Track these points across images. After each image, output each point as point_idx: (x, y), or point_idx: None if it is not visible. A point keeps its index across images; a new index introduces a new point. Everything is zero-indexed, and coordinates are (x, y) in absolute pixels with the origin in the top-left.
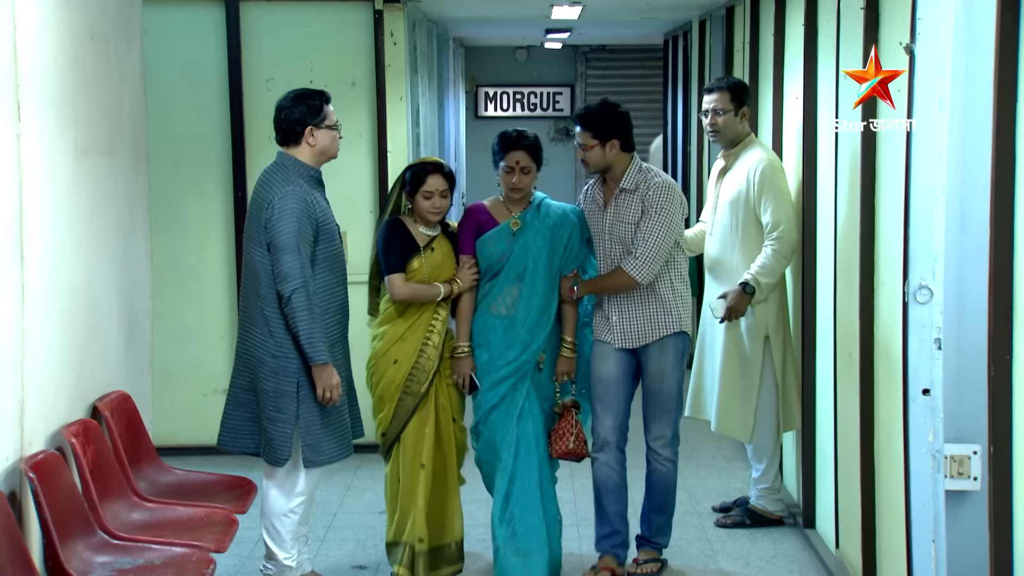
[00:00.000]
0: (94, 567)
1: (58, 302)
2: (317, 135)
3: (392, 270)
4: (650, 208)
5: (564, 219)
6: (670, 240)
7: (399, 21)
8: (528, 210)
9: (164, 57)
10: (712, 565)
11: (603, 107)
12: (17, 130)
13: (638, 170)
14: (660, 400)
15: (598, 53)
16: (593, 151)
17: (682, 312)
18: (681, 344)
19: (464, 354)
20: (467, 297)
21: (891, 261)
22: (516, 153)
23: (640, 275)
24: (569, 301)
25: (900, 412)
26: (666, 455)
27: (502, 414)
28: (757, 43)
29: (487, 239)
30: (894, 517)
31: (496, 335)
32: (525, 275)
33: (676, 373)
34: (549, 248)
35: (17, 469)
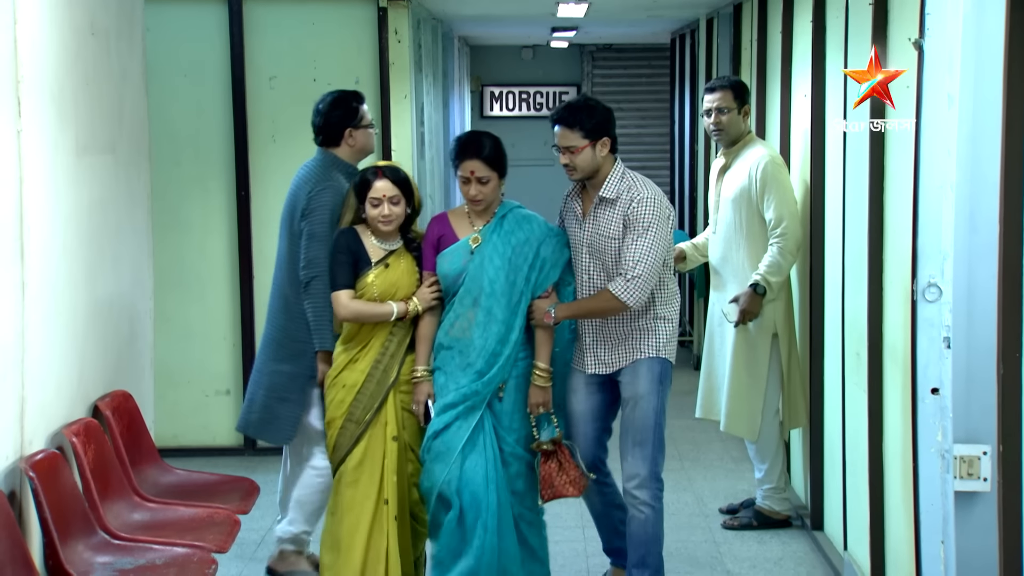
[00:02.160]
0: (95, 567)
1: (59, 300)
2: (356, 135)
3: (337, 286)
4: (637, 224)
5: (530, 234)
6: (661, 258)
7: (403, 18)
8: (490, 223)
9: (166, 55)
10: (719, 567)
11: (589, 102)
12: (17, 126)
13: (620, 177)
14: (632, 432)
15: (604, 52)
16: (583, 153)
17: (663, 337)
18: (659, 370)
19: (421, 379)
20: (428, 317)
21: (900, 259)
22: (470, 163)
23: (630, 298)
24: (544, 326)
25: (909, 412)
26: (642, 498)
27: (445, 444)
28: (765, 41)
29: (444, 256)
30: (903, 518)
31: (452, 360)
32: (480, 299)
33: (651, 402)
34: (509, 268)
35: (17, 468)
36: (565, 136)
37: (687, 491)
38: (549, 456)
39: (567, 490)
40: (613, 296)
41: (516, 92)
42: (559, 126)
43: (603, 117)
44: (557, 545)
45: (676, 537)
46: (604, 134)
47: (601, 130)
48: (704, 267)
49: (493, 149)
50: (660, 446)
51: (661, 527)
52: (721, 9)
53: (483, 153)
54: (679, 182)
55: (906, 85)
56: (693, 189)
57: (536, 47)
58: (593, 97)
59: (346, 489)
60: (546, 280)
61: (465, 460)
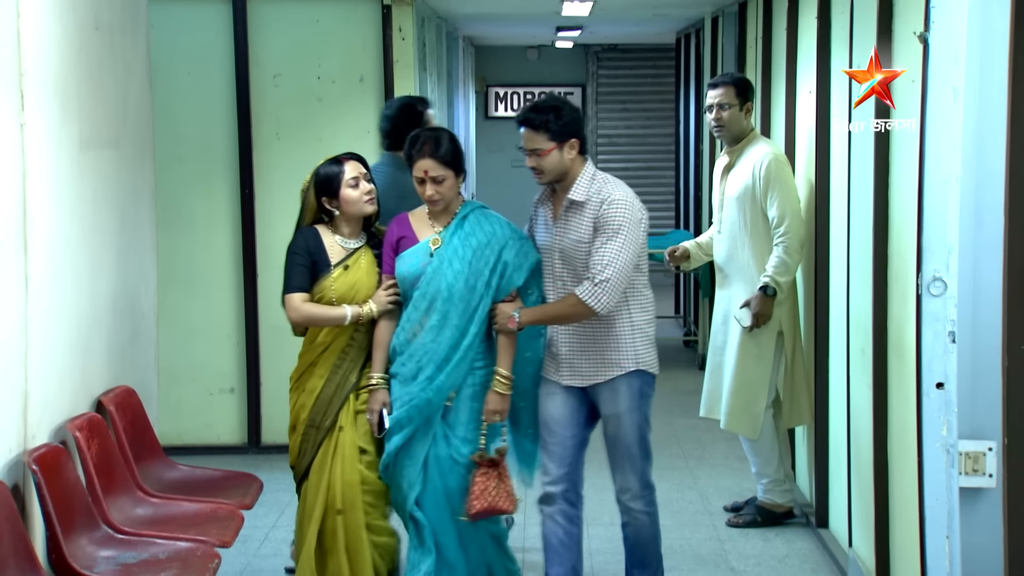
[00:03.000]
0: (98, 561)
1: (62, 294)
2: None
3: (290, 288)
4: (607, 226)
5: (492, 236)
6: (632, 263)
7: (407, 16)
8: (451, 224)
9: (170, 53)
10: (723, 564)
11: (556, 102)
12: (21, 119)
13: (591, 179)
14: (618, 448)
15: (609, 53)
16: (549, 156)
17: (640, 349)
18: (639, 383)
19: (376, 386)
20: (385, 322)
21: (905, 254)
22: (423, 162)
23: (598, 303)
24: (508, 332)
25: (914, 407)
26: (638, 508)
27: (410, 458)
28: (770, 38)
29: (403, 258)
30: (908, 514)
31: (405, 366)
32: (437, 303)
33: (635, 416)
34: (468, 272)
35: (20, 462)
36: (531, 138)
37: (692, 489)
38: (491, 467)
39: (505, 503)
40: (580, 300)
41: (521, 93)
42: (524, 128)
43: (570, 118)
44: None
45: (680, 535)
46: (572, 135)
47: (569, 131)
48: (709, 266)
49: (447, 146)
50: (647, 455)
51: (658, 527)
52: (726, 8)
53: (436, 152)
54: (684, 182)
55: (911, 79)
56: (699, 189)
57: (541, 47)
58: (560, 97)
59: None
60: (508, 285)
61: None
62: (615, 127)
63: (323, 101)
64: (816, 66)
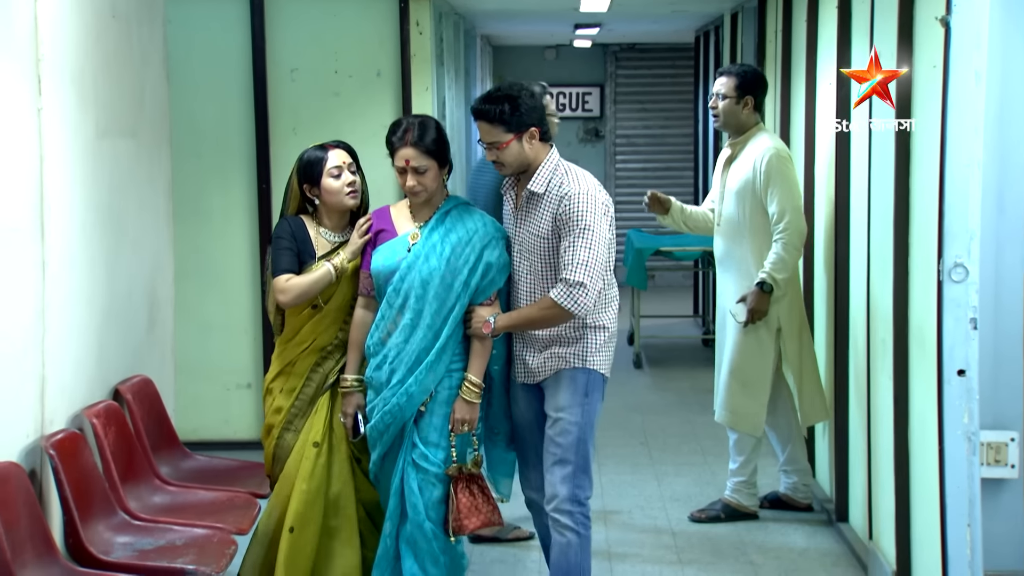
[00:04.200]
0: (115, 547)
1: (78, 281)
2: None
3: (280, 271)
4: (572, 224)
5: (473, 234)
6: (605, 261)
7: (425, 10)
8: (432, 219)
9: (187, 47)
10: (742, 558)
11: (511, 91)
12: (38, 104)
13: (552, 169)
14: (551, 449)
15: (628, 52)
16: (508, 148)
17: (591, 346)
18: (583, 381)
19: (350, 389)
20: (361, 321)
21: (926, 242)
22: (404, 151)
23: (575, 306)
24: (481, 336)
25: (935, 396)
26: (563, 522)
27: (392, 464)
28: (790, 31)
29: (379, 252)
30: (928, 504)
31: (378, 369)
32: (411, 301)
33: (572, 416)
34: (445, 270)
35: (38, 447)
36: (487, 131)
37: (710, 484)
38: (470, 480)
39: (494, 517)
40: (555, 304)
41: None
42: (479, 120)
43: (528, 106)
44: None
45: (699, 529)
46: (531, 124)
47: (527, 121)
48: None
49: (430, 135)
50: (584, 466)
51: (586, 557)
52: (746, 3)
53: (419, 140)
54: (703, 183)
55: (932, 65)
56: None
57: (559, 47)
58: (517, 83)
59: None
60: (489, 286)
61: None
62: (634, 127)
63: (340, 96)
64: (836, 56)
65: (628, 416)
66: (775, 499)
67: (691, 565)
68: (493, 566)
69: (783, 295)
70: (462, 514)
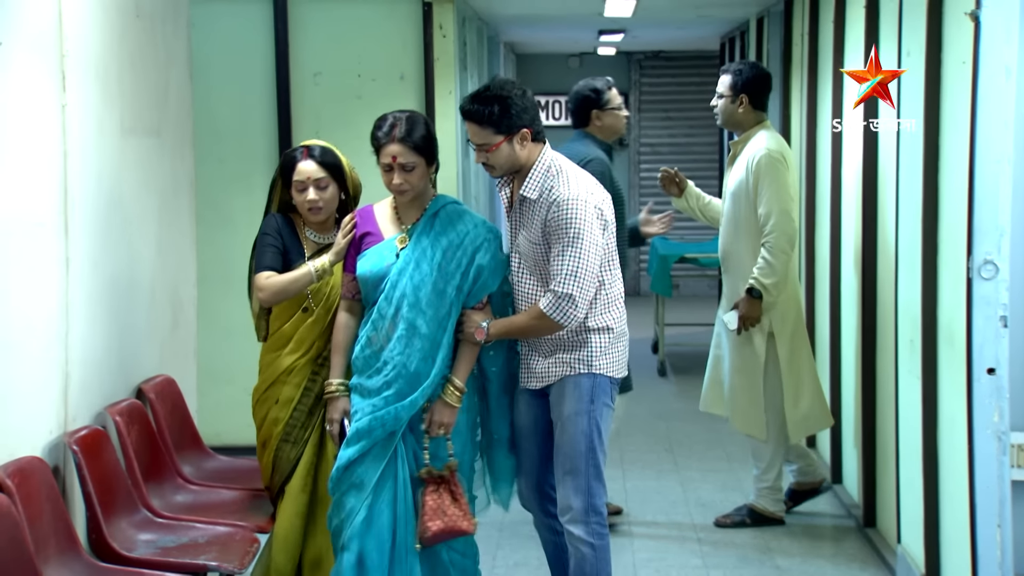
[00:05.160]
0: (137, 544)
1: (102, 279)
2: (603, 117)
3: (262, 267)
4: (562, 232)
5: (464, 236)
6: (596, 269)
7: (448, 14)
8: (419, 221)
9: (211, 52)
10: (768, 563)
11: (501, 90)
12: (62, 100)
13: (545, 172)
14: (561, 459)
15: (652, 61)
16: (499, 150)
17: (596, 349)
18: (589, 387)
19: (336, 394)
20: (346, 325)
21: (955, 241)
22: (390, 147)
23: (563, 317)
24: (474, 342)
25: (964, 396)
26: (577, 534)
27: (359, 477)
28: (816, 33)
29: (365, 257)
30: (957, 506)
31: (368, 378)
32: (403, 309)
33: (580, 424)
34: (438, 275)
35: (61, 443)
36: (476, 132)
37: (735, 490)
38: (440, 484)
39: (461, 523)
40: (544, 315)
41: (563, 101)
42: (467, 121)
43: (519, 107)
44: None
45: (725, 534)
46: (522, 126)
47: (518, 122)
48: None
49: (418, 131)
50: (596, 474)
51: (604, 566)
52: (772, 7)
53: (407, 136)
54: None
55: (962, 60)
56: None
57: (583, 55)
58: (509, 81)
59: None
60: (481, 290)
61: (376, 497)
62: (658, 135)
63: (363, 99)
64: (864, 56)
65: (653, 423)
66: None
67: (716, 569)
68: (517, 569)
69: (774, 300)
70: (426, 517)
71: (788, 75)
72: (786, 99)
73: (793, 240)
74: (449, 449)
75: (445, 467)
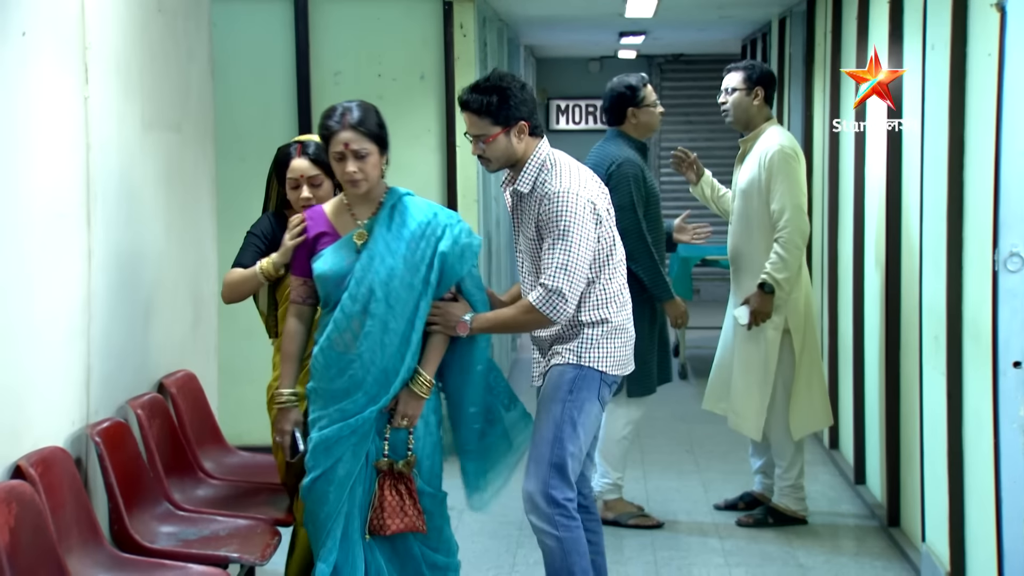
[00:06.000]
0: (159, 536)
1: (123, 272)
2: (638, 114)
3: (235, 263)
4: (552, 226)
5: (427, 227)
6: (587, 263)
7: (469, 13)
8: (378, 215)
9: (232, 51)
10: (791, 561)
11: (500, 81)
12: (85, 92)
13: (539, 166)
14: (532, 446)
15: (673, 64)
16: (495, 142)
17: (586, 343)
18: (571, 376)
19: (287, 405)
20: (296, 331)
21: (980, 234)
22: (342, 135)
23: (552, 311)
24: (454, 335)
25: (989, 391)
26: (539, 525)
27: (332, 484)
28: (840, 31)
29: (324, 256)
30: (983, 501)
31: (331, 381)
32: (371, 306)
33: (552, 411)
34: (405, 268)
35: (84, 435)
36: (473, 123)
37: None
38: (398, 479)
39: (418, 523)
40: (533, 308)
41: (583, 105)
42: (465, 112)
43: (518, 98)
44: None
45: (746, 533)
46: (520, 118)
47: (516, 114)
48: None
49: (371, 117)
50: (559, 466)
51: (579, 559)
52: (794, 7)
53: (360, 122)
54: None
55: (987, 53)
56: None
57: (603, 59)
58: (508, 74)
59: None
60: (449, 279)
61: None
62: (679, 139)
63: (384, 99)
64: (888, 50)
65: (674, 425)
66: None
67: (739, 568)
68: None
69: (788, 295)
70: (385, 512)
71: (810, 77)
72: (808, 99)
73: (806, 235)
74: (410, 444)
75: (404, 463)
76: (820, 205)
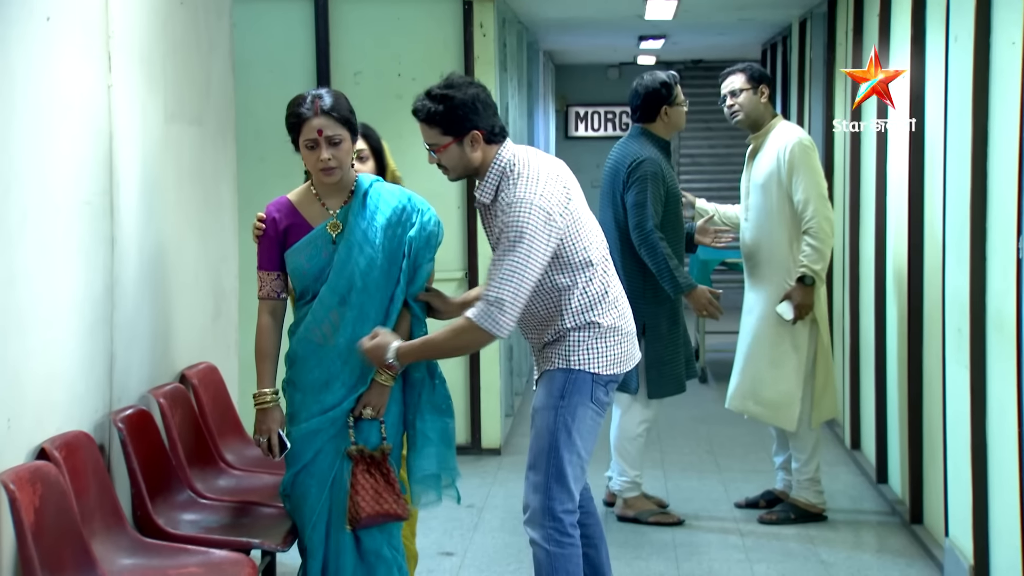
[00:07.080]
0: (181, 524)
1: (146, 262)
2: (670, 112)
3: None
4: (506, 235)
5: (401, 212)
6: (533, 274)
7: (489, 13)
8: (350, 203)
9: (252, 51)
10: (812, 558)
11: (448, 89)
12: (108, 81)
13: (500, 175)
14: (529, 455)
15: (692, 70)
16: (448, 152)
17: (574, 345)
18: (562, 381)
19: (267, 404)
20: (270, 329)
21: (1004, 224)
22: (314, 121)
23: (495, 325)
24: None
25: (1014, 382)
26: (532, 536)
27: (314, 477)
28: (861, 31)
29: (299, 249)
30: (1007, 495)
31: (310, 372)
32: (351, 296)
33: (546, 418)
34: (383, 256)
35: (107, 421)
36: (425, 132)
37: None
38: (371, 465)
39: (396, 508)
40: (473, 325)
41: (602, 112)
42: (417, 121)
43: (468, 107)
44: None
45: (768, 530)
46: (472, 127)
47: (466, 124)
48: None
49: (342, 102)
50: (558, 476)
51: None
52: (815, 8)
53: (332, 108)
54: None
55: (1011, 41)
56: None
57: (622, 65)
58: (462, 79)
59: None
60: (419, 268)
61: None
62: (698, 146)
63: (403, 99)
64: (910, 45)
65: (694, 427)
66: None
67: (760, 564)
68: None
69: (823, 284)
70: (359, 498)
71: (832, 78)
72: (830, 99)
73: (832, 222)
74: (382, 432)
75: (378, 449)
76: (841, 203)
